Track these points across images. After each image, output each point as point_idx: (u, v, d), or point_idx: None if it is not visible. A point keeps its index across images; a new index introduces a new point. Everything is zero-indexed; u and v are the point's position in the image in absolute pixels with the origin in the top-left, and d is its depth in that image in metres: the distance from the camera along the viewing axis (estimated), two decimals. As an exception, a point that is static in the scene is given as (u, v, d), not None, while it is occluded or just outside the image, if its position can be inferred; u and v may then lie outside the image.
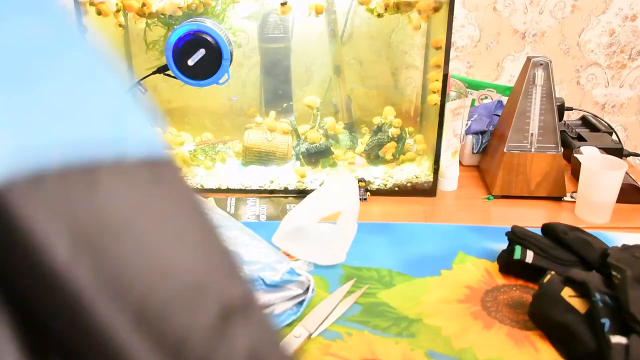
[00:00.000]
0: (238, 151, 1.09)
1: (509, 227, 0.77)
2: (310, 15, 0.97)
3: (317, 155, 1.05)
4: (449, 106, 0.97)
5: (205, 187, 1.02)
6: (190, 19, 0.92)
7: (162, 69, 0.93)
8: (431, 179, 1.01)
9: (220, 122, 1.15)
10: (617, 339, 0.55)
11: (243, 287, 0.24)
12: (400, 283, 0.73)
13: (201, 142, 1.12)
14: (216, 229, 0.24)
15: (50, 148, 0.20)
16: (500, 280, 0.74)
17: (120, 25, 0.97)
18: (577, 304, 0.61)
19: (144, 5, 0.93)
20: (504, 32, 1.34)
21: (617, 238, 0.83)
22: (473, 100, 1.26)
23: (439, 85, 0.95)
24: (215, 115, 1.15)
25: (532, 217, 0.93)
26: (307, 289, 0.67)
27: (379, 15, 0.97)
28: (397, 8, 0.95)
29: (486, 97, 1.26)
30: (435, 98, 0.97)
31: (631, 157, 1.18)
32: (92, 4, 0.92)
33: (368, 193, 1.00)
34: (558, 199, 0.99)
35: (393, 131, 1.03)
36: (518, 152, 0.98)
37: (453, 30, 0.94)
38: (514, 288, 0.73)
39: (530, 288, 0.72)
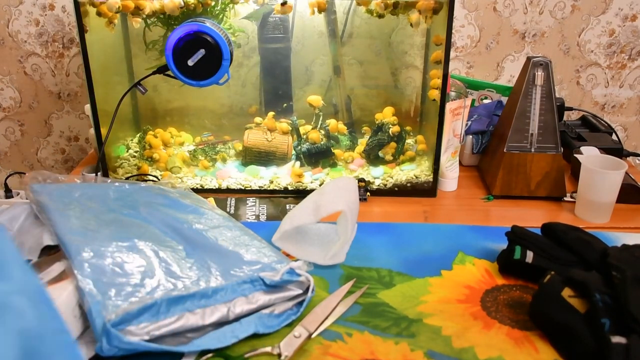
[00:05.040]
0: (238, 151, 1.09)
1: (509, 227, 0.77)
2: (313, 14, 0.97)
3: (317, 156, 1.05)
4: (449, 106, 0.97)
5: (205, 187, 1.02)
6: (190, 19, 0.92)
7: (162, 69, 0.93)
8: (431, 179, 1.01)
9: (220, 122, 1.15)
10: (617, 339, 0.55)
11: None
12: (400, 283, 0.73)
13: (201, 142, 1.12)
14: None
15: None
16: (500, 280, 0.74)
17: (110, 23, 0.97)
18: (577, 304, 0.60)
19: (137, 7, 0.93)
20: (504, 32, 1.34)
21: (617, 238, 0.83)
22: (473, 100, 1.26)
23: (439, 82, 0.95)
24: (215, 115, 1.15)
25: (532, 217, 0.93)
26: (307, 289, 0.67)
27: (380, 16, 0.97)
28: (395, 7, 0.95)
29: (486, 97, 1.26)
30: (435, 93, 0.97)
31: (631, 157, 1.18)
32: (92, 4, 0.92)
33: (368, 193, 1.00)
34: (558, 199, 0.99)
35: (393, 128, 1.03)
36: (518, 152, 0.98)
37: (453, 31, 0.94)
38: (514, 288, 0.73)
39: (530, 288, 0.72)
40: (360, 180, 1.00)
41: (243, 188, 1.02)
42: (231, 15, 0.98)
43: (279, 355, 0.59)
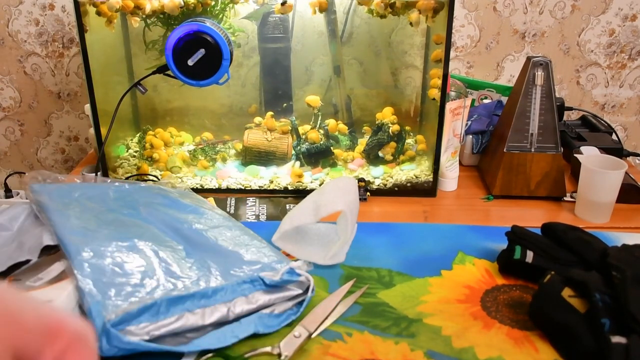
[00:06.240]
0: (238, 151, 1.09)
1: (509, 227, 0.77)
2: (315, 14, 0.97)
3: (317, 156, 1.05)
4: (449, 106, 0.97)
5: (205, 187, 1.02)
6: (190, 19, 0.92)
7: (162, 69, 0.93)
8: (431, 179, 1.01)
9: (220, 122, 1.15)
10: (617, 339, 0.55)
11: None
12: (400, 283, 0.73)
13: (200, 142, 1.12)
14: None
15: None
16: (500, 280, 0.74)
17: (110, 22, 0.96)
18: (577, 304, 0.60)
19: (137, 7, 0.92)
20: (504, 32, 1.34)
21: (617, 238, 0.83)
22: (473, 100, 1.26)
23: (439, 82, 0.95)
24: (215, 115, 1.15)
25: (532, 217, 0.93)
26: (307, 289, 0.67)
27: (382, 16, 0.97)
28: (392, 8, 0.95)
29: (486, 97, 1.26)
30: (435, 92, 0.97)
31: (631, 157, 1.18)
32: (92, 4, 0.92)
33: (368, 193, 1.00)
34: (558, 199, 0.99)
35: (393, 127, 1.02)
36: (518, 152, 0.98)
37: (453, 30, 0.94)
38: (514, 288, 0.73)
39: (530, 288, 0.72)
40: (360, 180, 1.00)
41: (243, 188, 1.02)
42: (231, 15, 0.98)
43: (279, 355, 0.59)
